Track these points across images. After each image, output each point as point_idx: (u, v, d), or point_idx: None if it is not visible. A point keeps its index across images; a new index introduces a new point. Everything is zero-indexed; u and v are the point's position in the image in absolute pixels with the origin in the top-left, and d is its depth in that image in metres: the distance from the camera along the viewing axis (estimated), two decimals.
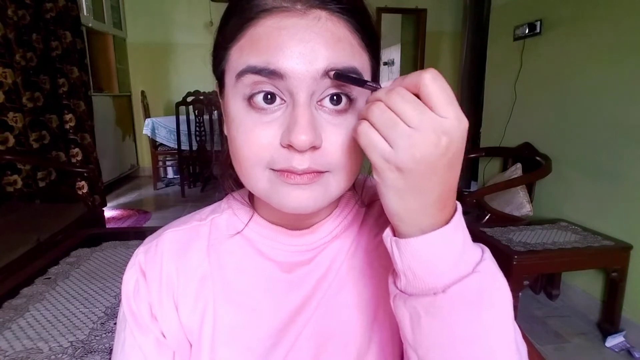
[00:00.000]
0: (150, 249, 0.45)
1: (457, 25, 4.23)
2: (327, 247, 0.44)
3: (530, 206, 2.10)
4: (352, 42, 0.35)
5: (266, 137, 0.34)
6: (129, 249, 1.57)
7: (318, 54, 0.32)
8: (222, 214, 0.46)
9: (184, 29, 4.76)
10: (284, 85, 0.33)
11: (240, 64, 0.34)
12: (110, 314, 1.11)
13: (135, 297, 0.43)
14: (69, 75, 2.93)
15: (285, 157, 0.34)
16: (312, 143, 0.33)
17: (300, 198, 0.35)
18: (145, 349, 0.42)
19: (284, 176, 0.35)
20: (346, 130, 0.35)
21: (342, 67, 0.33)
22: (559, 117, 2.07)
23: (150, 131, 3.97)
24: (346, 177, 0.37)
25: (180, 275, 0.43)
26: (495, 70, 2.64)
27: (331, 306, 0.43)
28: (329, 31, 0.33)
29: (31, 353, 0.94)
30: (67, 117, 2.89)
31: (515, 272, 1.56)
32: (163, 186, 4.39)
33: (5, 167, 2.35)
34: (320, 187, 0.36)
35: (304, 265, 0.43)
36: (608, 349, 1.63)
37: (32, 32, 2.55)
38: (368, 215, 0.46)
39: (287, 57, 0.32)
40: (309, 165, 0.34)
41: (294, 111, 0.33)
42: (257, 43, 0.33)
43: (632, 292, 1.67)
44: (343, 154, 0.35)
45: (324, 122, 0.34)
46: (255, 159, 0.35)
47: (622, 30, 1.70)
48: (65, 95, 2.87)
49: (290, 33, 0.33)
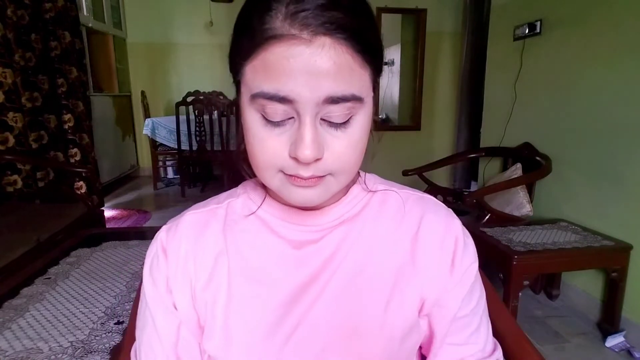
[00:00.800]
0: (172, 228, 0.50)
1: (457, 25, 4.23)
2: (334, 230, 0.48)
3: (530, 206, 2.10)
4: (353, 67, 0.38)
5: (277, 148, 0.39)
6: (129, 249, 1.57)
7: (321, 83, 0.36)
8: (238, 197, 0.51)
9: (184, 29, 4.76)
10: (292, 107, 0.37)
11: (254, 87, 0.38)
12: (110, 314, 1.11)
13: (154, 270, 0.48)
14: (68, 75, 2.93)
15: (293, 166, 0.39)
16: (315, 156, 0.38)
17: (306, 196, 0.41)
18: (155, 317, 0.47)
19: (292, 179, 0.40)
20: (346, 140, 0.40)
21: (340, 95, 0.37)
22: (559, 117, 2.07)
23: (150, 131, 3.96)
24: (345, 177, 0.42)
25: (198, 253, 0.48)
26: (495, 70, 2.64)
27: (340, 288, 0.46)
28: (331, 60, 0.36)
29: (31, 353, 0.94)
30: (66, 117, 2.90)
31: (515, 272, 1.55)
32: (163, 186, 4.39)
33: (5, 167, 2.35)
34: (323, 186, 0.41)
35: (312, 243, 0.47)
36: (608, 349, 1.63)
37: (31, 32, 2.55)
38: (373, 205, 0.50)
39: (294, 85, 0.36)
40: (312, 173, 0.39)
41: (300, 129, 0.38)
42: (268, 70, 0.37)
43: (632, 292, 1.68)
44: (342, 161, 0.40)
45: (326, 134, 0.39)
46: (268, 164, 0.40)
47: (622, 30, 1.70)
48: (64, 95, 2.87)
49: (297, 62, 0.36)
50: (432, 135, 4.54)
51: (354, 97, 0.38)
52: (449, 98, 4.44)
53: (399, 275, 0.47)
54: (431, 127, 4.51)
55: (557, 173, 2.04)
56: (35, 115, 2.58)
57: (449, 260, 0.48)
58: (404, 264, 0.47)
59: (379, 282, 0.47)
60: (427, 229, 0.48)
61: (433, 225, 0.49)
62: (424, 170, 2.56)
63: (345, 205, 0.49)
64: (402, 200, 0.51)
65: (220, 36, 4.73)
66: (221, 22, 4.67)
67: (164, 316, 0.47)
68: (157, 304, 0.47)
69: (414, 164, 2.56)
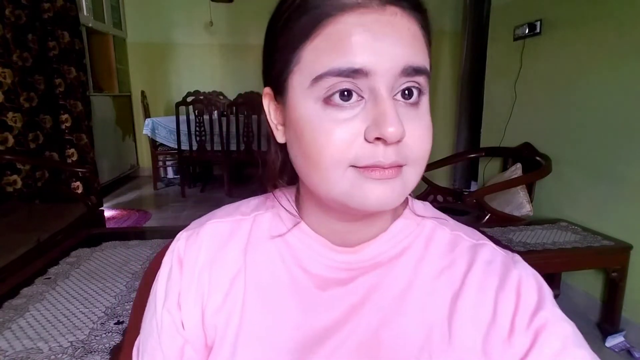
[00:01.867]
0: (192, 236, 0.45)
1: (457, 25, 4.23)
2: (368, 273, 0.41)
3: (530, 206, 2.10)
4: (422, 40, 0.36)
5: (349, 133, 0.33)
6: (129, 249, 1.57)
7: (398, 50, 0.33)
8: (266, 212, 0.46)
9: (184, 29, 4.76)
10: (365, 83, 0.33)
11: (319, 67, 0.33)
12: (110, 314, 1.11)
13: (168, 281, 0.44)
14: (67, 75, 2.93)
15: (371, 152, 0.33)
16: (402, 134, 0.33)
17: (383, 194, 0.34)
18: (161, 332, 0.43)
19: (367, 172, 0.34)
20: (421, 123, 0.36)
21: (416, 66, 0.34)
22: (559, 117, 2.07)
23: (150, 131, 3.97)
24: (421, 169, 0.37)
25: (214, 271, 0.43)
26: (495, 70, 2.64)
27: (363, 341, 0.39)
28: (405, 27, 0.34)
29: (31, 353, 0.94)
30: (63, 118, 2.89)
31: None
32: (163, 186, 4.39)
33: (5, 167, 2.35)
34: (401, 181, 0.35)
35: (340, 285, 0.41)
36: (608, 349, 1.63)
37: (30, 33, 2.55)
38: (417, 246, 0.43)
39: (370, 54, 0.32)
40: (395, 158, 0.34)
41: (379, 105, 0.33)
42: (337, 43, 0.33)
43: (632, 292, 1.67)
44: (421, 146, 0.36)
45: (401, 115, 0.34)
46: (338, 157, 0.34)
47: (623, 30, 1.70)
48: (61, 95, 2.87)
49: (373, 29, 0.33)
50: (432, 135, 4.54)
51: (427, 71, 0.35)
52: (449, 98, 4.44)
53: (431, 336, 0.39)
54: None
55: (557, 173, 2.04)
56: (32, 116, 2.57)
57: (505, 329, 0.37)
58: (438, 325, 0.39)
59: (407, 340, 0.39)
60: (473, 284, 0.39)
61: (482, 278, 0.39)
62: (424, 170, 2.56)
63: (385, 244, 0.42)
64: (452, 244, 0.43)
65: (220, 36, 4.73)
66: (221, 22, 4.67)
67: (169, 333, 0.43)
68: (164, 318, 0.44)
69: None
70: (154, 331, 0.44)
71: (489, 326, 0.37)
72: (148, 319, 0.45)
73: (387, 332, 0.39)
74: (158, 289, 0.45)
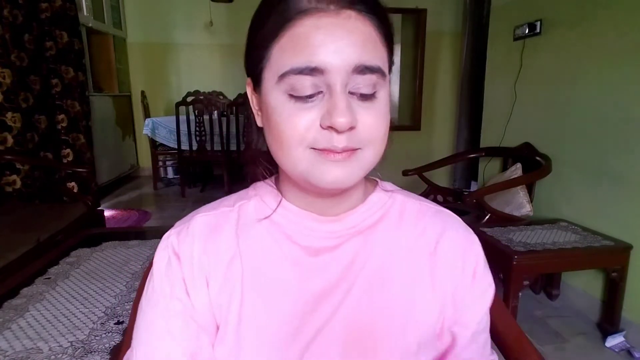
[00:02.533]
0: (182, 231, 0.47)
1: (457, 25, 4.23)
2: (352, 238, 0.46)
3: (530, 206, 2.10)
4: (376, 40, 0.40)
5: (308, 120, 0.38)
6: (129, 249, 1.57)
7: (350, 50, 0.37)
8: (250, 200, 0.50)
9: (184, 29, 4.76)
10: (322, 79, 0.38)
11: (283, 66, 0.38)
12: (110, 314, 1.11)
13: (168, 274, 0.45)
14: (65, 75, 2.92)
15: (326, 138, 0.38)
16: (350, 124, 0.37)
17: (339, 174, 0.40)
18: (172, 325, 0.44)
19: (324, 154, 0.39)
20: (375, 111, 0.40)
21: (368, 65, 0.38)
22: (559, 117, 2.07)
23: (150, 131, 3.96)
24: (376, 151, 0.42)
25: (211, 256, 0.46)
26: (495, 70, 2.64)
27: (360, 300, 0.45)
28: (358, 29, 0.38)
29: (31, 353, 0.94)
30: (59, 118, 2.88)
31: (515, 272, 1.55)
32: (163, 186, 4.39)
33: (4, 167, 2.35)
34: (356, 163, 0.40)
35: (329, 251, 0.46)
36: (608, 349, 1.63)
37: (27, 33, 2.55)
38: (391, 215, 0.49)
39: (325, 54, 0.37)
40: (346, 143, 0.38)
41: (333, 98, 0.38)
42: (297, 44, 0.38)
43: (632, 292, 1.67)
44: (373, 132, 0.40)
45: (355, 106, 0.39)
46: (298, 139, 0.39)
47: (623, 30, 1.70)
48: (58, 95, 2.86)
49: (328, 32, 0.37)
50: (432, 135, 4.54)
51: (380, 69, 0.39)
52: (449, 98, 4.44)
53: (416, 289, 0.46)
54: (431, 127, 4.51)
55: (557, 173, 2.04)
56: (28, 116, 2.57)
57: (469, 277, 0.48)
58: (421, 279, 0.47)
59: (397, 295, 0.46)
60: (448, 246, 0.48)
61: (454, 243, 0.48)
62: (424, 170, 2.56)
63: (363, 213, 0.48)
64: (421, 213, 0.50)
65: (220, 36, 4.73)
66: (221, 22, 4.67)
67: (183, 326, 0.44)
68: (175, 306, 0.44)
69: (414, 164, 2.56)
70: (157, 327, 0.44)
71: (459, 275, 0.47)
72: (148, 321, 0.45)
73: (378, 289, 0.45)
74: (157, 287, 0.46)
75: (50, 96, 2.82)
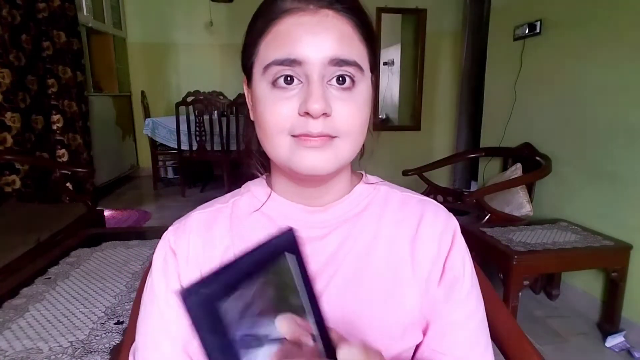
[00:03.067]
0: (179, 228, 0.51)
1: (457, 25, 4.23)
2: (339, 227, 0.49)
3: (530, 206, 2.10)
4: (353, 37, 0.43)
5: (287, 108, 0.42)
6: (129, 249, 1.57)
7: (326, 44, 0.41)
8: (242, 196, 0.53)
9: (184, 29, 4.76)
10: (301, 70, 0.41)
11: (267, 58, 0.42)
12: (110, 314, 1.11)
13: (165, 270, 0.49)
14: (61, 75, 2.92)
15: (303, 124, 0.41)
16: (324, 110, 0.40)
17: (316, 160, 0.42)
18: (167, 318, 0.47)
19: (301, 140, 0.42)
20: (351, 102, 0.43)
21: (343, 58, 0.41)
22: (559, 117, 2.07)
23: (150, 131, 3.96)
24: (353, 142, 0.44)
25: (206, 248, 0.49)
26: (495, 70, 2.64)
27: (344, 286, 0.47)
28: (335, 27, 0.42)
29: (31, 353, 0.94)
30: (55, 118, 2.88)
31: (515, 272, 1.55)
32: (163, 186, 4.39)
33: (4, 168, 2.35)
34: (332, 151, 0.43)
35: (318, 240, 0.48)
36: (608, 349, 1.63)
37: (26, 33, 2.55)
38: (375, 204, 0.52)
39: (303, 47, 0.41)
40: (322, 129, 0.41)
41: (309, 87, 0.41)
42: (279, 39, 0.42)
43: (632, 292, 1.67)
44: (349, 122, 0.43)
45: (332, 97, 0.42)
46: (279, 127, 0.42)
47: (622, 30, 1.70)
48: (54, 96, 2.86)
49: (306, 28, 0.41)
50: (432, 135, 4.54)
51: (356, 63, 0.42)
52: (449, 98, 4.44)
53: (399, 274, 0.48)
54: (431, 127, 4.51)
55: (557, 173, 2.04)
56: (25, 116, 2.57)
57: (443, 257, 0.48)
58: (403, 264, 0.48)
59: (380, 279, 0.47)
60: (426, 230, 0.49)
61: (431, 226, 0.50)
62: (424, 170, 2.56)
63: (349, 204, 0.50)
64: (403, 202, 0.52)
65: (220, 36, 4.73)
66: (221, 22, 4.67)
67: (177, 319, 0.47)
68: (169, 306, 0.47)
69: (414, 164, 2.56)
70: (155, 322, 0.47)
71: (434, 260, 0.48)
72: (148, 314, 0.49)
73: (363, 272, 0.47)
74: (155, 282, 0.49)
75: (47, 96, 2.82)
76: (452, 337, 0.47)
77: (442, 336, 0.47)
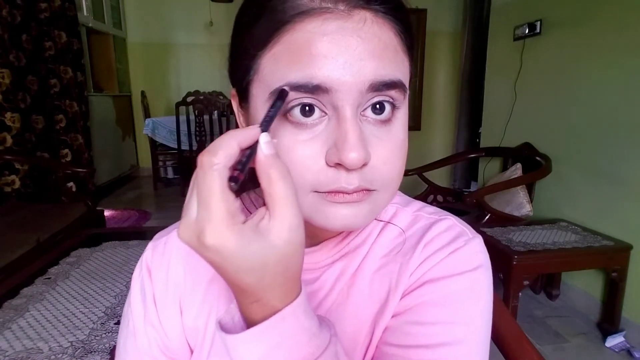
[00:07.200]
0: (158, 247, 0.44)
1: (457, 25, 4.23)
2: (333, 265, 0.41)
3: (530, 206, 2.10)
4: (397, 48, 0.32)
5: (309, 157, 0.31)
6: (129, 249, 1.57)
7: (365, 64, 0.29)
8: None
9: (184, 29, 4.76)
10: (327, 99, 0.30)
11: (277, 80, 0.30)
12: (110, 314, 1.11)
13: (141, 294, 0.43)
14: (63, 75, 2.92)
15: (333, 178, 0.31)
16: (364, 160, 0.30)
17: (350, 216, 0.32)
18: (140, 345, 0.42)
19: (331, 196, 0.32)
20: (391, 143, 0.32)
21: (387, 80, 0.30)
22: (559, 117, 2.07)
23: (151, 131, 3.97)
24: (393, 192, 0.35)
25: (188, 277, 0.42)
26: (495, 70, 2.64)
27: None
28: (375, 36, 0.30)
29: (31, 353, 0.94)
30: (58, 118, 2.88)
31: (515, 272, 1.55)
32: (163, 186, 4.39)
33: (4, 168, 2.34)
34: (369, 205, 0.33)
35: (309, 284, 0.41)
36: (608, 349, 1.63)
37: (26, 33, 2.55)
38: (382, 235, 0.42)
39: (332, 68, 0.29)
40: (359, 183, 0.31)
41: (341, 126, 0.30)
42: (296, 53, 0.29)
43: (632, 292, 1.67)
44: (391, 170, 0.33)
45: (369, 135, 0.31)
46: (298, 183, 0.30)
47: (623, 30, 1.70)
48: (56, 95, 2.86)
49: (335, 39, 0.29)
50: (432, 135, 4.54)
51: (401, 84, 0.32)
52: (449, 98, 4.43)
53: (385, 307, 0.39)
54: (431, 127, 4.51)
55: (557, 173, 2.04)
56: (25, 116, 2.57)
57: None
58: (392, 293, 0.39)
59: (365, 311, 0.40)
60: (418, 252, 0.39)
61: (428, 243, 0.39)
62: (424, 170, 2.56)
63: (347, 236, 0.41)
64: (407, 224, 0.42)
65: (220, 36, 4.73)
66: (221, 22, 4.67)
67: (149, 348, 0.43)
68: (148, 332, 0.43)
69: (414, 164, 2.56)
70: (128, 347, 0.43)
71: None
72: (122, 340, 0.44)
73: (344, 310, 0.39)
74: (133, 306, 0.44)
75: (49, 96, 2.82)
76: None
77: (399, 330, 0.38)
